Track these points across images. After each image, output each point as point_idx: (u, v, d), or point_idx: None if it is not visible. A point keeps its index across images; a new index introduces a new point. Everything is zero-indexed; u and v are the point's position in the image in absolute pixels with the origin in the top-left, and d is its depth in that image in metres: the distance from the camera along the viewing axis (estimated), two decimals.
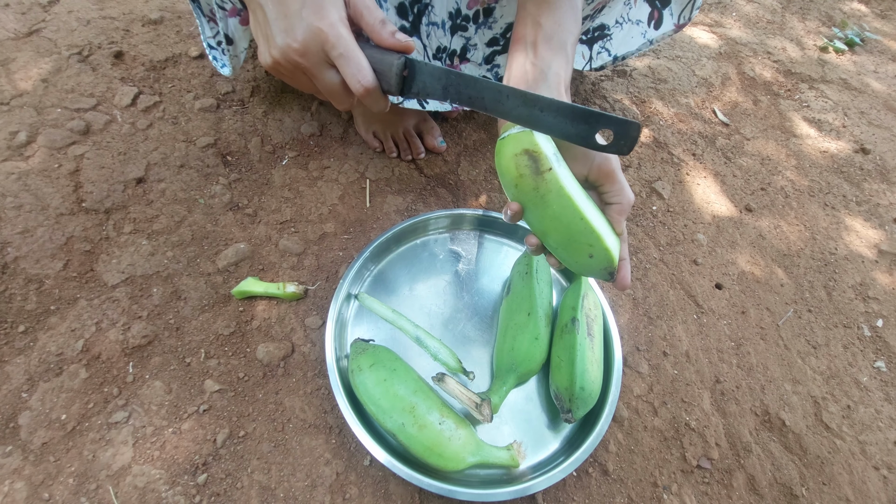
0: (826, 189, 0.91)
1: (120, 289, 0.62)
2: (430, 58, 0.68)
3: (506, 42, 0.68)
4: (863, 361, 0.70)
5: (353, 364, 0.55)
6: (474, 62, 0.71)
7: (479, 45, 0.68)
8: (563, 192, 0.41)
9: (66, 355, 0.57)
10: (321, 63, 0.41)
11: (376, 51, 0.42)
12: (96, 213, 0.68)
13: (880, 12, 1.38)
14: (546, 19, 0.47)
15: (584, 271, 0.46)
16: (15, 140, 0.71)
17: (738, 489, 0.57)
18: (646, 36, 0.78)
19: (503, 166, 0.42)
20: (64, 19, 0.88)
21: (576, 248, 0.43)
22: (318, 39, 0.40)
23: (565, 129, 0.41)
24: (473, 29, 0.65)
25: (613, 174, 0.44)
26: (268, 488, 0.52)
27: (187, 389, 0.57)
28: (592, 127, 0.40)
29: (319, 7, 0.39)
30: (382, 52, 0.42)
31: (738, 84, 1.07)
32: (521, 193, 0.42)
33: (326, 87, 0.43)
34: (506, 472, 0.54)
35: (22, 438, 0.52)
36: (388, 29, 0.42)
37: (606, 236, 0.43)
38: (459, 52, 0.69)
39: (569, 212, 0.41)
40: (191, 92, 0.83)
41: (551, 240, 0.45)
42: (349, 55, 0.40)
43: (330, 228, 0.71)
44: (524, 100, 0.40)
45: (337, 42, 0.39)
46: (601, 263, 0.44)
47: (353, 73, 0.40)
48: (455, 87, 0.42)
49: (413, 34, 0.64)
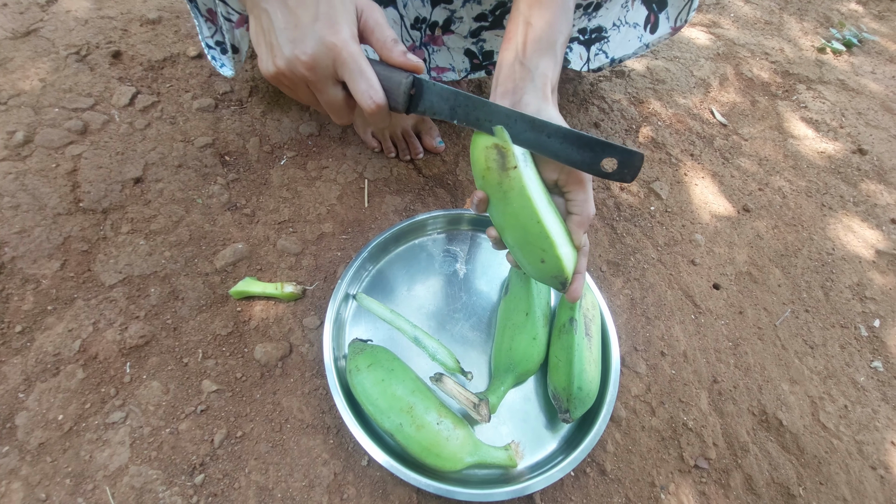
0: (823, 189, 0.91)
1: (117, 289, 0.62)
2: (408, 28, 0.68)
3: (494, 18, 0.68)
4: (860, 361, 0.70)
5: (350, 364, 0.54)
6: (459, 34, 0.71)
7: (466, 19, 0.68)
8: (524, 192, 0.41)
9: (64, 355, 0.57)
10: (328, 78, 0.41)
11: (383, 68, 0.42)
12: (94, 212, 0.67)
13: (878, 13, 1.38)
14: (537, 19, 0.47)
15: (537, 275, 0.46)
16: (12, 140, 0.71)
17: (736, 489, 0.58)
18: (642, 40, 0.78)
19: (474, 157, 0.43)
20: (62, 19, 0.88)
21: (530, 251, 0.44)
22: (330, 55, 0.39)
23: (571, 156, 0.42)
24: (460, 2, 0.65)
25: (583, 184, 0.45)
26: (265, 488, 0.52)
27: (185, 390, 0.57)
28: (598, 155, 0.41)
29: (333, 22, 0.39)
30: (390, 70, 0.42)
31: (736, 85, 1.08)
32: (487, 186, 0.43)
33: (329, 102, 0.43)
34: (504, 472, 0.54)
35: (19, 439, 0.52)
36: (399, 48, 0.42)
37: (561, 245, 0.43)
38: (442, 24, 0.68)
39: (527, 213, 0.42)
40: (189, 92, 0.83)
41: (509, 237, 0.45)
42: (363, 72, 0.40)
43: (328, 228, 0.71)
44: (532, 125, 0.41)
45: (349, 59, 0.39)
46: (551, 271, 0.44)
47: (365, 90, 0.40)
48: (463, 109, 0.42)
49: (389, 5, 0.64)
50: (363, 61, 0.40)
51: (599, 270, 0.73)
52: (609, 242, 0.76)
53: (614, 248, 0.76)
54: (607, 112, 0.95)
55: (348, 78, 0.40)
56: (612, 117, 0.94)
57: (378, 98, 0.41)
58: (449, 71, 0.75)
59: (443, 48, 0.72)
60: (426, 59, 0.73)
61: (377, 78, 0.41)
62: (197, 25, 0.67)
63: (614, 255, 0.75)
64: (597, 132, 0.91)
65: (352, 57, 0.39)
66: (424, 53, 0.72)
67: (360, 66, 0.40)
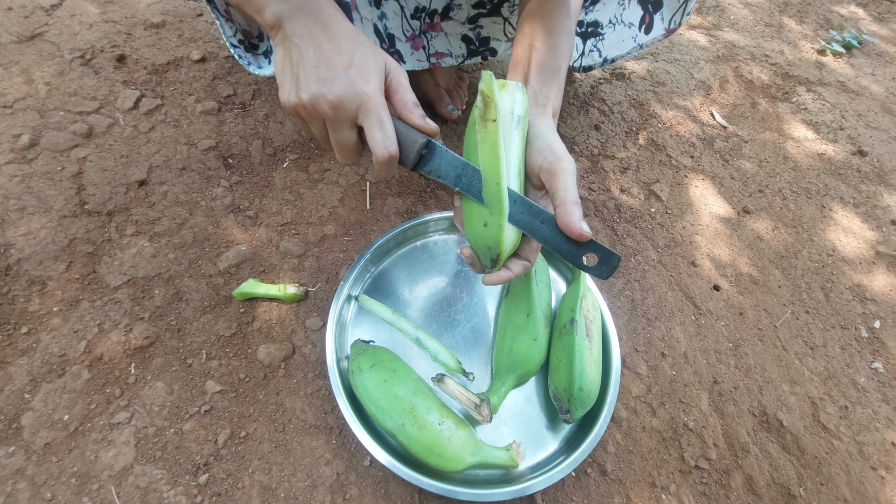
0: (823, 191, 0.91)
1: (122, 290, 0.63)
2: (408, 18, 0.69)
3: (492, 6, 0.70)
4: (860, 362, 0.70)
5: (353, 365, 0.55)
6: (457, 20, 0.72)
7: (465, 6, 0.70)
8: (495, 149, 0.43)
9: (69, 356, 0.58)
10: (348, 120, 0.43)
11: (401, 125, 0.45)
12: (99, 215, 0.68)
13: (877, 15, 1.38)
14: (541, 44, 0.49)
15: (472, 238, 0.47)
16: (18, 143, 0.72)
17: (736, 489, 0.58)
18: (636, 40, 0.79)
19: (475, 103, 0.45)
20: (67, 23, 0.89)
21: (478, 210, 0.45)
22: (357, 101, 0.42)
23: (559, 245, 0.44)
24: None
25: (559, 174, 0.43)
26: (269, 488, 0.52)
27: (189, 390, 0.57)
28: (582, 249, 0.43)
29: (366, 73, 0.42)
30: (407, 128, 0.45)
31: (736, 87, 1.08)
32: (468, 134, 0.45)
33: (341, 141, 0.45)
34: (505, 473, 0.54)
35: (25, 439, 0.53)
36: (419, 112, 0.45)
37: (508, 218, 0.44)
38: (441, 11, 0.70)
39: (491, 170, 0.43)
40: (192, 95, 0.83)
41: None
42: (383, 123, 0.43)
43: (330, 230, 0.72)
44: (529, 209, 0.44)
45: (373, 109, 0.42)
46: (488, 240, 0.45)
47: (382, 140, 0.43)
48: (468, 179, 0.45)
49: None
50: (386, 114, 0.43)
51: None
52: (609, 244, 0.77)
53: (615, 249, 0.76)
54: (608, 114, 0.95)
55: (368, 125, 0.43)
56: (613, 119, 0.95)
57: (392, 149, 0.43)
58: (447, 56, 0.76)
59: (440, 34, 0.73)
60: (425, 46, 0.74)
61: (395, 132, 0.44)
62: (219, 26, 0.67)
63: None
64: (597, 134, 0.91)
65: (377, 107, 0.42)
66: (423, 41, 0.73)
67: (382, 117, 0.43)
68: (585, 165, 0.87)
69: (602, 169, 0.86)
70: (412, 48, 0.72)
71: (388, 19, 0.67)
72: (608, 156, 0.89)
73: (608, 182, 0.85)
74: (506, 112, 0.44)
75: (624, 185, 0.85)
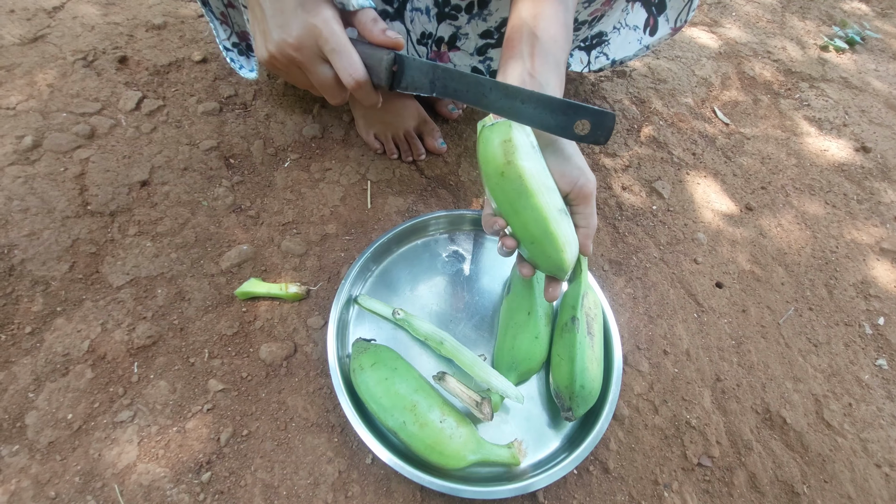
0: (827, 188, 0.91)
1: (125, 290, 0.63)
2: (415, 43, 0.69)
3: (500, 36, 0.69)
4: (864, 359, 0.70)
5: (354, 363, 0.55)
6: (465, 51, 0.71)
7: (472, 36, 0.69)
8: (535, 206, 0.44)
9: (73, 356, 0.58)
10: (315, 57, 0.43)
11: (367, 46, 0.44)
12: (101, 215, 0.69)
13: (881, 11, 1.38)
14: (542, 32, 0.48)
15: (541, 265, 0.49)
16: (21, 144, 0.72)
17: (740, 487, 0.58)
18: (642, 42, 0.79)
19: (489, 154, 0.44)
20: (69, 25, 0.89)
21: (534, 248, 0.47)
22: (313, 35, 0.42)
23: (545, 120, 0.42)
24: (466, 19, 0.66)
25: (590, 198, 0.48)
26: (271, 486, 0.52)
27: (191, 389, 0.58)
28: (570, 118, 0.42)
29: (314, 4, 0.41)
30: (373, 48, 0.44)
31: (738, 83, 1.08)
32: (491, 179, 0.45)
33: (319, 81, 0.45)
34: (507, 470, 0.54)
35: (28, 438, 0.53)
36: (380, 26, 0.44)
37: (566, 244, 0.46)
38: (448, 40, 0.69)
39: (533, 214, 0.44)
40: (194, 96, 0.84)
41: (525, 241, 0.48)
42: (341, 50, 0.42)
43: (332, 229, 0.72)
44: (506, 92, 0.42)
45: (330, 37, 0.41)
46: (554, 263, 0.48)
47: (346, 67, 0.42)
48: (441, 81, 0.44)
49: (396, 19, 0.65)
50: (343, 39, 0.42)
51: (602, 269, 0.73)
52: (611, 241, 0.77)
53: (616, 247, 0.76)
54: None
55: (330, 56, 0.43)
56: None
57: (357, 74, 0.43)
58: None
59: (449, 65, 0.73)
60: None
61: (359, 55, 0.43)
62: (213, 29, 0.68)
63: (616, 254, 0.75)
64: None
65: (332, 35, 0.41)
66: None
67: (340, 43, 0.42)
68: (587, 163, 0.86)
69: (603, 166, 0.86)
70: None
71: None
72: (610, 153, 0.88)
73: (610, 180, 0.84)
74: (527, 148, 0.44)
75: (625, 183, 0.85)
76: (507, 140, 0.42)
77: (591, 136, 0.42)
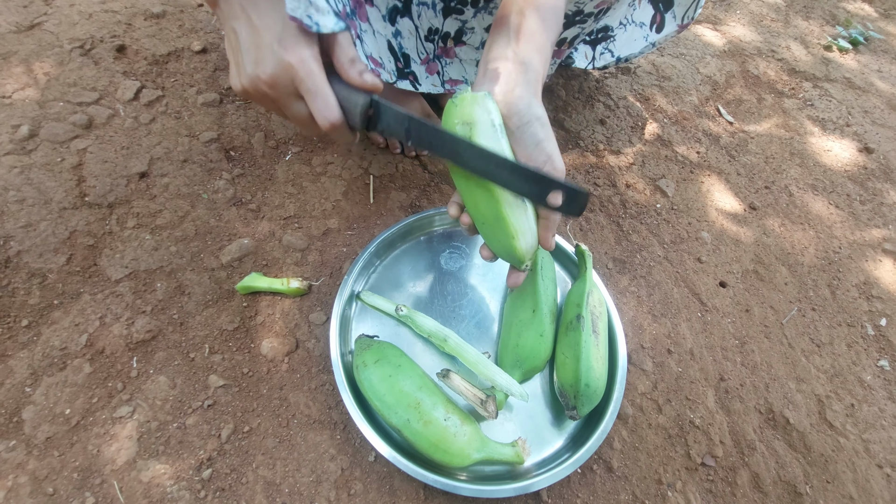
0: (830, 188, 0.91)
1: (123, 283, 0.62)
2: (422, 40, 0.68)
3: None
4: (866, 360, 0.70)
5: (357, 360, 0.54)
6: (471, 45, 0.70)
7: (478, 30, 0.68)
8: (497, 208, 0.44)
9: (70, 350, 0.57)
10: (290, 95, 0.42)
11: (344, 88, 0.43)
12: (99, 207, 0.67)
13: (884, 11, 1.37)
14: (532, 11, 0.47)
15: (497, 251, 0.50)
16: (17, 134, 0.71)
17: (743, 487, 0.57)
18: (648, 39, 0.78)
19: (448, 128, 0.44)
20: (66, 13, 0.87)
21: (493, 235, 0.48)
22: (288, 74, 0.40)
23: (519, 187, 0.43)
24: (471, 13, 0.65)
25: None
26: (273, 483, 0.52)
27: (191, 384, 0.57)
28: (543, 189, 0.42)
29: (293, 42, 0.40)
30: (349, 91, 0.43)
31: (743, 82, 1.07)
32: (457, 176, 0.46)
33: (294, 117, 0.44)
34: (510, 469, 0.54)
35: (26, 433, 0.52)
36: (357, 68, 0.43)
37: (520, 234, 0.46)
38: (454, 35, 0.68)
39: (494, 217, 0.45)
40: (193, 86, 0.82)
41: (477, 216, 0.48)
42: (317, 91, 0.41)
43: (333, 224, 0.71)
44: (480, 155, 0.42)
45: (306, 78, 0.40)
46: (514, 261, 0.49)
47: (321, 110, 0.41)
48: (416, 132, 0.43)
49: (405, 14, 0.64)
50: (320, 80, 0.41)
51: (605, 268, 0.73)
52: (615, 240, 0.76)
53: (620, 245, 0.76)
54: (613, 109, 0.94)
55: (305, 96, 0.41)
56: (618, 114, 0.94)
57: (332, 117, 0.42)
58: (462, 83, 0.75)
59: (455, 60, 0.71)
60: (440, 71, 0.72)
61: (335, 97, 0.42)
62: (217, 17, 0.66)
63: (620, 253, 0.75)
64: (603, 129, 0.90)
65: (308, 76, 0.40)
66: (438, 66, 0.71)
67: (316, 85, 0.41)
68: (591, 160, 0.86)
69: (607, 164, 0.86)
70: (427, 72, 0.71)
71: (403, 38, 0.65)
72: (613, 150, 0.88)
73: (613, 177, 0.84)
74: (487, 126, 0.42)
75: (629, 181, 0.84)
76: (468, 115, 0.42)
77: (563, 209, 0.43)
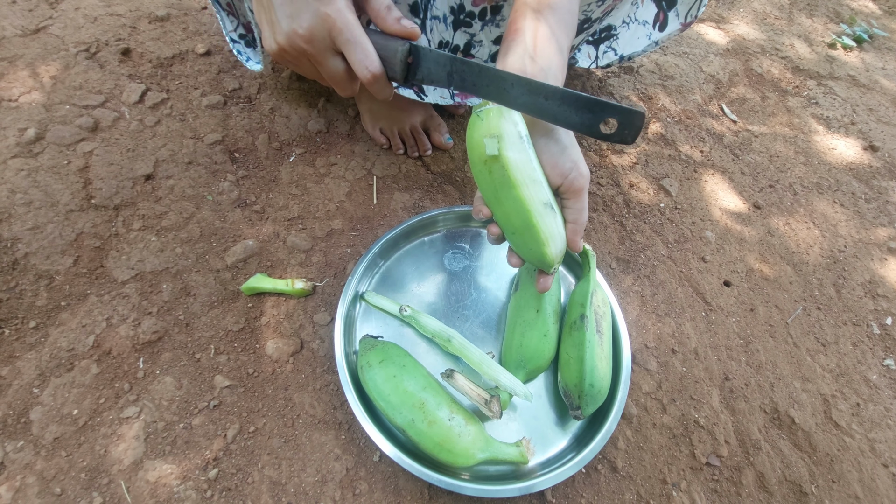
0: (835, 186, 0.90)
1: (130, 285, 0.63)
2: None
3: None
4: (872, 359, 0.70)
5: (362, 360, 0.55)
6: (479, 59, 0.70)
7: (485, 42, 0.68)
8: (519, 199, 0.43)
9: (77, 351, 0.57)
10: (327, 50, 0.41)
11: (381, 37, 0.42)
12: (105, 209, 0.68)
13: (888, 9, 1.37)
14: (548, 17, 0.47)
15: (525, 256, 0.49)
16: (24, 137, 0.71)
17: (748, 486, 0.57)
18: (651, 38, 0.78)
19: (475, 141, 0.43)
20: (71, 16, 0.88)
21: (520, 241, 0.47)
22: (325, 25, 0.39)
23: (570, 119, 0.40)
24: (479, 26, 0.65)
25: (581, 192, 0.46)
26: (278, 483, 0.52)
27: (197, 385, 0.57)
28: (597, 116, 0.40)
29: None
30: (387, 39, 0.41)
31: (746, 81, 1.07)
32: (479, 170, 0.44)
33: (331, 74, 0.43)
34: (515, 469, 0.54)
35: (34, 433, 0.52)
36: (394, 15, 0.41)
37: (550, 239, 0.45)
38: (463, 48, 0.68)
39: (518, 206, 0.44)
40: (198, 89, 0.83)
41: (504, 224, 0.47)
42: (356, 41, 0.40)
43: (337, 225, 0.72)
44: (528, 88, 0.40)
45: (344, 28, 0.39)
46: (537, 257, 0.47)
47: (361, 59, 0.40)
48: (459, 74, 0.42)
49: (421, 29, 0.64)
50: (358, 30, 0.40)
51: (609, 267, 0.73)
52: (619, 239, 0.76)
53: (624, 244, 0.76)
54: None
55: (344, 48, 0.40)
56: None
57: (373, 67, 0.41)
58: (472, 96, 0.75)
59: (469, 59, 0.72)
60: None
61: (373, 47, 0.41)
62: (220, 20, 0.67)
63: (624, 252, 0.75)
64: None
65: (347, 26, 0.39)
66: None
67: (354, 35, 0.39)
68: (594, 160, 0.86)
69: (611, 164, 0.86)
70: None
71: None
72: (617, 150, 0.88)
73: (617, 177, 0.84)
74: (514, 138, 0.42)
75: (633, 180, 0.84)
76: (495, 128, 0.41)
77: (617, 136, 0.40)
